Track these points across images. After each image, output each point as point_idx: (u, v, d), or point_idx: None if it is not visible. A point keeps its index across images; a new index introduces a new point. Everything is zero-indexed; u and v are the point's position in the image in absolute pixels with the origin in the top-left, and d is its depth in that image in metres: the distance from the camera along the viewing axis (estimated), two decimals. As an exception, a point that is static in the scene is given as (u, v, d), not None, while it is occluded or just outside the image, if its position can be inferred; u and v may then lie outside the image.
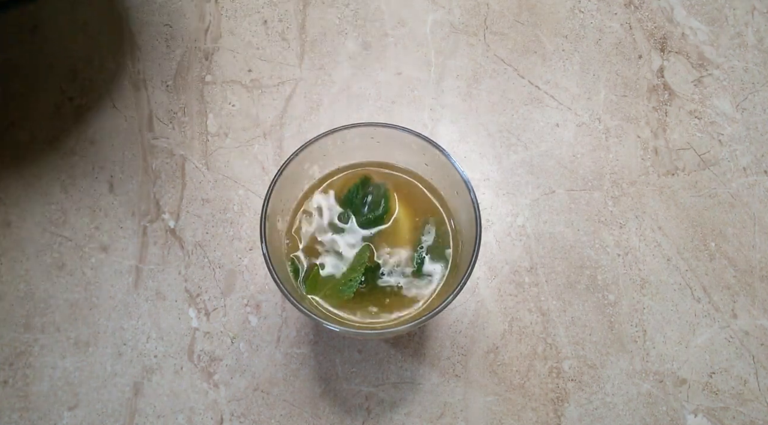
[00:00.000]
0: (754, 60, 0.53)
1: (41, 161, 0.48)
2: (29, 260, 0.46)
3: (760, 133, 0.51)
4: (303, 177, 0.39)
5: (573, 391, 0.44)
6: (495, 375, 0.44)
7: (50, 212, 0.47)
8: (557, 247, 0.47)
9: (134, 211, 0.47)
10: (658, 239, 0.48)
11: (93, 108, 0.50)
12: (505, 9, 0.54)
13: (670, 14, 0.54)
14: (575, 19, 0.54)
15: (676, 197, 0.49)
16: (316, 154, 0.38)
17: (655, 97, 0.52)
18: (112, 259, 0.46)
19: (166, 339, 0.44)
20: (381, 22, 0.53)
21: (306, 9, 0.54)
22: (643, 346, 0.45)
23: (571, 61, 0.53)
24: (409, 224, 0.39)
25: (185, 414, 0.43)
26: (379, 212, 0.39)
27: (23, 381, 0.43)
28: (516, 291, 0.46)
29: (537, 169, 0.49)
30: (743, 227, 0.48)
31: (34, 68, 0.51)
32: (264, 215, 0.35)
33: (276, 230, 0.37)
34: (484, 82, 0.52)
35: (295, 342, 0.44)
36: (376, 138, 0.38)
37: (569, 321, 0.45)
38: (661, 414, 0.43)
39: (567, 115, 0.51)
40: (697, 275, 0.47)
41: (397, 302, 0.37)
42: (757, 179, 0.49)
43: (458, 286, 0.33)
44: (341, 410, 0.43)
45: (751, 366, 0.45)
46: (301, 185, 0.39)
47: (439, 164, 0.37)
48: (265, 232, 0.34)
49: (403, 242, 0.39)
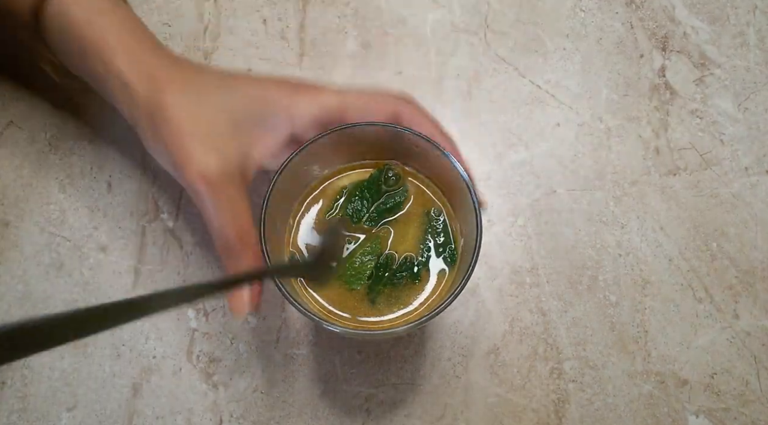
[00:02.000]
0: (755, 59, 0.53)
1: (40, 160, 0.48)
2: (27, 261, 0.46)
3: (761, 132, 0.51)
4: (303, 177, 0.39)
5: (574, 392, 0.44)
6: (496, 375, 0.44)
7: (48, 211, 0.47)
8: (558, 247, 0.47)
9: (133, 211, 0.47)
10: (660, 239, 0.47)
11: (92, 108, 0.49)
12: (506, 8, 0.54)
13: (671, 13, 0.54)
14: (576, 18, 0.54)
15: (677, 197, 0.49)
16: (316, 153, 0.37)
17: (656, 97, 0.51)
18: (111, 259, 0.46)
19: (165, 340, 0.44)
20: (381, 21, 0.53)
21: (306, 8, 0.53)
22: (644, 347, 0.45)
23: (572, 60, 0.52)
24: (412, 223, 0.39)
25: (184, 415, 0.43)
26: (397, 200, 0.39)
27: (21, 382, 0.43)
28: (517, 292, 0.46)
29: (538, 169, 0.49)
30: (745, 227, 0.48)
31: (33, 68, 0.51)
32: (263, 215, 0.34)
33: (275, 229, 0.37)
34: (484, 82, 0.52)
35: (294, 343, 0.44)
36: (377, 137, 0.38)
37: (570, 322, 0.45)
38: (662, 415, 0.43)
39: (568, 114, 0.51)
40: (698, 276, 0.46)
41: (398, 301, 0.37)
42: (758, 178, 0.49)
43: (459, 286, 0.33)
44: (341, 411, 0.43)
45: (753, 367, 0.44)
46: (302, 184, 0.39)
47: (439, 164, 0.37)
48: (264, 231, 0.34)
49: (406, 241, 0.39)
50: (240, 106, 0.38)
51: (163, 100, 0.37)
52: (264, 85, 0.39)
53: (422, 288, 0.37)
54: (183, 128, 0.36)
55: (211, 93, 0.38)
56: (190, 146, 0.36)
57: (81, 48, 0.38)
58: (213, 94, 0.38)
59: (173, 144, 0.36)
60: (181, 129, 0.36)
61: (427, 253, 0.38)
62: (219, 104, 0.37)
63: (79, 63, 0.39)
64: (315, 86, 0.39)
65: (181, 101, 0.37)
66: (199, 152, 0.36)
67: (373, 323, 0.37)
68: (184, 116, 0.37)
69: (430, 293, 0.37)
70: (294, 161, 0.36)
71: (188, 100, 0.37)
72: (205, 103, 0.37)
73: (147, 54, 0.38)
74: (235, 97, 0.38)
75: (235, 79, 0.39)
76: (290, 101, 0.38)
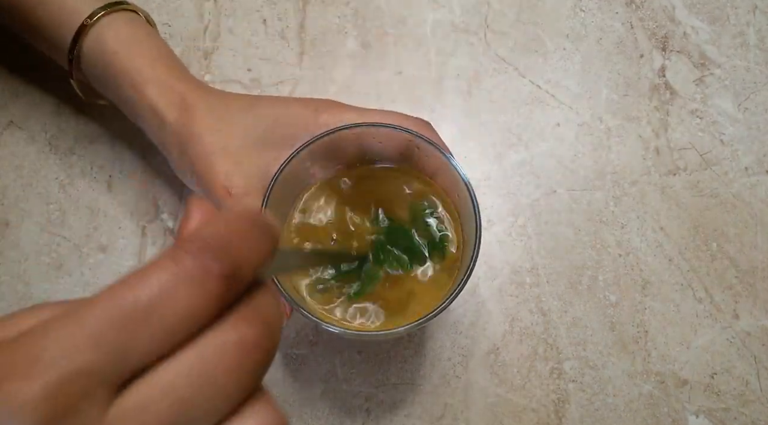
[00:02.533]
0: (755, 59, 0.53)
1: (40, 160, 0.48)
2: (27, 261, 0.46)
3: (761, 132, 0.51)
4: (303, 177, 0.39)
5: (574, 392, 0.44)
6: (496, 375, 0.44)
7: (49, 212, 0.47)
8: (558, 247, 0.47)
9: (133, 211, 0.47)
10: (660, 239, 0.47)
11: (92, 108, 0.49)
12: (506, 8, 0.54)
13: (671, 13, 0.54)
14: (576, 18, 0.54)
15: (677, 197, 0.49)
16: (316, 154, 0.37)
17: (656, 97, 0.51)
18: (111, 259, 0.46)
19: (165, 340, 0.44)
20: (381, 21, 0.53)
21: (306, 8, 0.53)
22: (644, 347, 0.45)
23: (572, 60, 0.52)
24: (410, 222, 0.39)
25: (184, 415, 0.43)
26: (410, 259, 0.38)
27: (21, 381, 0.43)
28: (517, 292, 0.46)
29: (538, 169, 0.49)
30: (745, 228, 0.48)
31: (32, 67, 0.51)
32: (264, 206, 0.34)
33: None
34: (484, 82, 0.52)
35: (294, 343, 0.44)
36: (377, 138, 0.38)
37: (570, 322, 0.45)
38: (662, 415, 0.43)
39: (568, 114, 0.51)
40: (698, 276, 0.46)
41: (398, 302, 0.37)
42: (758, 179, 0.49)
43: (459, 286, 0.33)
44: (341, 411, 0.43)
45: (753, 367, 0.44)
46: (301, 184, 0.39)
47: (439, 164, 0.37)
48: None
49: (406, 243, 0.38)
50: (264, 125, 0.39)
51: (192, 123, 0.39)
52: (287, 104, 0.40)
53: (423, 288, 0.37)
54: (209, 147, 0.38)
55: (237, 114, 0.40)
56: (216, 164, 0.38)
57: (114, 76, 0.40)
58: (238, 115, 0.40)
59: (200, 163, 0.38)
60: (207, 148, 0.38)
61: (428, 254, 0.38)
62: (244, 124, 0.39)
63: (112, 89, 0.41)
64: (338, 105, 0.40)
65: (209, 122, 0.39)
66: (224, 168, 0.38)
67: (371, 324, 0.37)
68: (211, 136, 0.39)
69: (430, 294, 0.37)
70: (294, 161, 0.36)
71: (215, 122, 0.39)
72: (230, 124, 0.39)
73: (176, 80, 0.40)
74: (260, 118, 0.40)
75: (259, 100, 0.41)
76: (313, 121, 0.39)
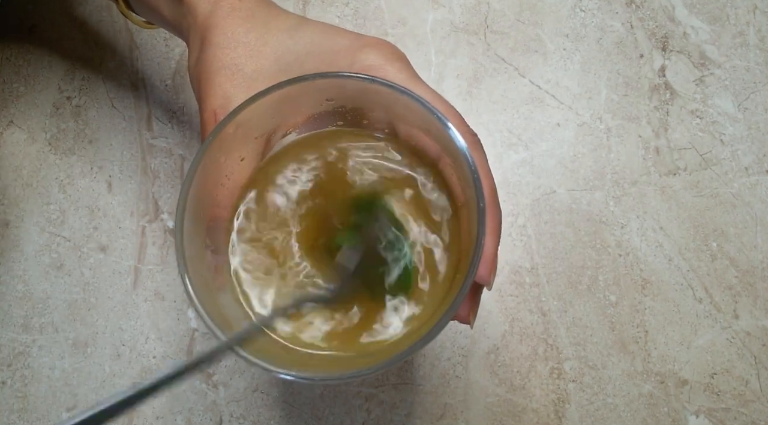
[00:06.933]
0: (755, 59, 0.53)
1: (40, 160, 0.48)
2: (27, 261, 0.46)
3: (762, 132, 0.51)
4: (287, 116, 0.32)
5: (574, 392, 0.44)
6: (496, 375, 0.44)
7: (48, 211, 0.47)
8: (558, 247, 0.47)
9: (133, 211, 0.47)
10: (660, 239, 0.47)
11: (91, 108, 0.49)
12: (506, 8, 0.54)
13: (671, 13, 0.54)
14: (576, 18, 0.54)
15: (677, 197, 0.49)
16: (332, 94, 0.30)
17: (656, 97, 0.51)
18: (111, 259, 0.46)
19: (165, 340, 0.44)
20: (381, 21, 0.53)
21: (305, 8, 0.53)
22: (644, 347, 0.45)
23: (572, 60, 0.52)
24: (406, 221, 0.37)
25: (184, 415, 0.43)
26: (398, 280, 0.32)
27: (21, 382, 0.43)
28: (517, 292, 0.46)
29: (538, 169, 0.49)
30: (745, 228, 0.48)
31: (32, 67, 0.51)
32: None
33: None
34: (484, 82, 0.52)
35: (294, 343, 0.44)
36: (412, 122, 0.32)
37: (570, 322, 0.45)
38: (662, 415, 0.43)
39: (568, 114, 0.51)
40: (698, 276, 0.47)
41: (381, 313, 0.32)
42: (759, 178, 0.49)
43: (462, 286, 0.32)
44: (341, 411, 0.43)
45: (753, 367, 0.44)
46: (279, 132, 0.33)
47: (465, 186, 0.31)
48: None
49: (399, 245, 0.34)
50: (297, 52, 0.33)
51: (219, 24, 0.33)
52: (336, 32, 0.34)
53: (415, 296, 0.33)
54: (222, 58, 0.32)
55: (274, 33, 0.33)
56: (220, 82, 0.32)
57: None
58: (274, 35, 0.33)
59: (204, 74, 0.33)
60: (219, 58, 0.32)
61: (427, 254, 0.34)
62: (275, 46, 0.33)
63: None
64: (395, 56, 0.33)
65: (237, 31, 0.33)
66: (226, 90, 0.32)
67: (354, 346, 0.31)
68: (230, 48, 0.32)
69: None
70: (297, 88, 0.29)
71: (243, 33, 0.33)
72: (261, 41, 0.33)
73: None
74: (297, 43, 0.33)
75: (305, 24, 0.34)
76: (357, 59, 0.32)
